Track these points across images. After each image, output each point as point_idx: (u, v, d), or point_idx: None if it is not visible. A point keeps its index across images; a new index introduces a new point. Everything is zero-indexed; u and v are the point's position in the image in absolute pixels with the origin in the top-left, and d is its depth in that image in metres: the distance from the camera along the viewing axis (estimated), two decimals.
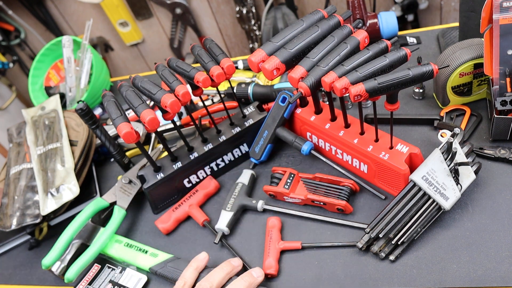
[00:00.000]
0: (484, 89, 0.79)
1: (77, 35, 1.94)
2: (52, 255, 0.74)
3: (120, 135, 0.67)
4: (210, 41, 0.76)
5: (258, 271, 0.65)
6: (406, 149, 0.69)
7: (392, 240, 0.65)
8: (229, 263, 0.66)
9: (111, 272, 0.75)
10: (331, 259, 0.68)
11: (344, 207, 0.71)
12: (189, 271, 0.66)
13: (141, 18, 1.81)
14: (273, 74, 0.65)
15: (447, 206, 0.64)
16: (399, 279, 0.63)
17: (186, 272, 0.66)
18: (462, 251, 0.63)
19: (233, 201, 0.78)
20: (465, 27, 0.83)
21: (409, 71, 0.57)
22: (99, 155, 1.00)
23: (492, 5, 0.67)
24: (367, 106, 0.88)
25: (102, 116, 1.13)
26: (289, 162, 0.84)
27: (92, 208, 0.79)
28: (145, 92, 0.70)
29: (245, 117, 0.85)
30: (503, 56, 0.69)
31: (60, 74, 1.20)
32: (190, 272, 0.65)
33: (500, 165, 0.71)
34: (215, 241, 0.74)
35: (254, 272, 0.64)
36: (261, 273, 0.65)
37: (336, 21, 0.67)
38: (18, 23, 1.85)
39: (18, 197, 0.86)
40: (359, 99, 0.58)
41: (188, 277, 0.65)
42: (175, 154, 0.82)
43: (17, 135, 1.00)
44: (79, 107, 0.78)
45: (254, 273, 0.64)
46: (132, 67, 2.07)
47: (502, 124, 0.70)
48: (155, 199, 0.83)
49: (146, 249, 0.76)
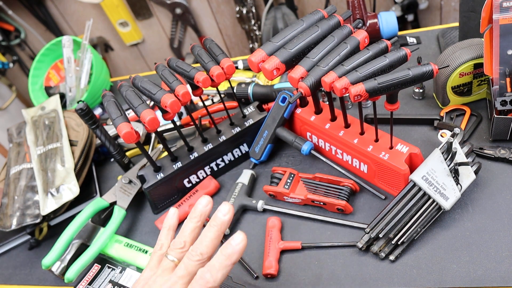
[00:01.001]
0: (484, 89, 0.79)
1: (77, 35, 1.94)
2: (52, 255, 0.74)
3: (120, 135, 0.67)
4: (210, 41, 0.76)
5: (224, 207, 0.52)
6: (406, 149, 0.69)
7: (392, 240, 0.65)
8: (217, 218, 0.52)
9: (111, 272, 0.75)
10: (331, 259, 0.68)
11: (344, 207, 0.71)
12: (163, 233, 0.57)
13: (141, 18, 1.81)
14: (273, 74, 0.65)
15: (447, 206, 0.64)
16: (399, 279, 0.63)
17: (161, 234, 0.57)
18: (462, 251, 0.63)
19: (233, 201, 0.78)
20: (465, 27, 0.83)
21: (409, 71, 0.57)
22: (99, 155, 1.00)
23: (492, 5, 0.67)
24: (367, 106, 0.88)
25: (102, 116, 1.13)
26: (289, 162, 0.84)
27: (92, 208, 0.79)
28: (145, 92, 0.70)
29: (245, 117, 0.85)
30: (503, 56, 0.69)
31: (60, 74, 1.20)
32: (164, 234, 0.57)
33: (500, 165, 0.71)
34: None
35: (219, 212, 0.52)
36: (227, 208, 0.52)
37: (336, 21, 0.67)
38: (18, 23, 1.85)
39: (18, 197, 0.86)
40: (359, 99, 0.58)
41: (164, 238, 0.57)
42: (175, 154, 0.82)
43: (17, 135, 1.00)
44: (79, 107, 0.78)
45: (219, 214, 0.52)
46: (132, 67, 2.07)
47: (502, 124, 0.70)
48: (155, 199, 0.83)
49: (146, 249, 0.76)
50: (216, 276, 0.49)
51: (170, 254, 0.54)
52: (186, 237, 0.54)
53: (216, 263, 0.49)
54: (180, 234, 0.55)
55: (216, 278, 0.49)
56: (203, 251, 0.51)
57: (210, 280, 0.48)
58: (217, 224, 0.52)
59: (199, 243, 0.52)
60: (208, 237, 0.52)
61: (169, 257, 0.53)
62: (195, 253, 0.51)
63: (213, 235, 0.52)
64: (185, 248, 0.54)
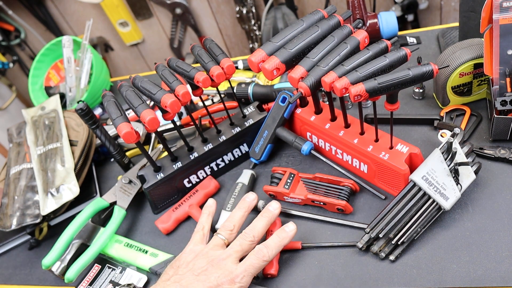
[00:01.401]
0: (484, 89, 0.79)
1: (77, 35, 1.94)
2: (52, 255, 0.74)
3: (120, 135, 0.67)
4: (210, 41, 0.76)
5: (275, 204, 0.68)
6: (406, 149, 0.69)
7: (392, 240, 0.65)
8: (269, 211, 0.68)
9: (112, 272, 0.75)
10: (331, 259, 0.68)
11: (344, 207, 0.71)
12: (204, 217, 0.71)
13: (141, 18, 1.81)
14: (273, 74, 0.65)
15: (447, 206, 0.64)
16: (399, 279, 0.63)
17: (202, 217, 0.71)
18: (462, 251, 0.63)
19: (233, 201, 0.78)
20: (465, 27, 0.83)
21: (409, 71, 0.57)
22: (99, 155, 1.00)
23: (492, 5, 0.67)
24: (367, 106, 0.88)
25: (102, 116, 1.13)
26: (289, 162, 0.84)
27: (92, 208, 0.79)
28: (145, 92, 0.70)
29: (245, 117, 0.85)
30: (503, 56, 0.69)
31: (60, 74, 1.20)
32: (205, 218, 0.71)
33: (500, 165, 0.71)
34: None
35: (270, 207, 0.68)
36: (277, 205, 0.68)
37: (336, 21, 0.67)
38: (18, 23, 1.85)
39: (18, 197, 0.86)
40: (359, 99, 0.58)
41: (205, 221, 0.70)
42: (175, 154, 0.82)
43: (17, 135, 1.00)
44: (79, 107, 0.78)
45: (271, 208, 0.68)
46: (132, 67, 2.07)
47: (502, 124, 0.70)
48: (155, 199, 0.83)
49: (146, 249, 0.76)
50: (270, 252, 0.63)
51: (221, 234, 0.66)
52: (235, 222, 0.67)
53: (271, 242, 0.64)
54: (230, 218, 0.68)
55: (270, 253, 0.63)
56: (255, 234, 0.65)
57: (266, 254, 0.63)
58: (268, 216, 0.67)
59: (252, 228, 0.66)
60: (260, 225, 0.66)
61: (219, 236, 0.66)
62: (249, 236, 0.65)
63: (264, 223, 0.66)
64: (234, 230, 0.67)
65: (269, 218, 0.67)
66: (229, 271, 0.61)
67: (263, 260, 0.62)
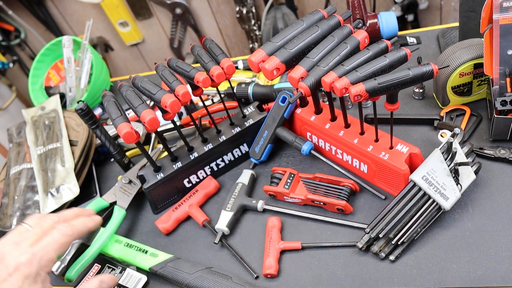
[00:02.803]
0: (484, 89, 0.79)
1: (77, 35, 1.94)
2: None
3: (120, 135, 0.67)
4: (210, 41, 0.76)
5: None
6: (406, 149, 0.69)
7: (392, 240, 0.65)
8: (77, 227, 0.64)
9: (112, 272, 0.75)
10: (331, 259, 0.68)
11: (344, 207, 0.71)
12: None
13: (141, 18, 1.81)
14: (273, 74, 0.65)
15: (447, 206, 0.64)
16: (399, 279, 0.63)
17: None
18: (462, 251, 0.63)
19: (233, 201, 0.78)
20: (465, 27, 0.83)
21: (409, 71, 0.57)
22: (99, 155, 1.00)
23: (492, 5, 0.67)
24: (367, 106, 0.88)
25: (102, 116, 1.12)
26: (289, 162, 0.84)
27: (92, 208, 0.79)
28: (145, 92, 0.70)
29: (245, 117, 0.85)
30: (503, 56, 0.69)
31: (60, 74, 1.20)
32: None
33: (500, 165, 0.71)
34: (215, 241, 0.74)
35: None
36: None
37: (336, 21, 0.67)
38: (18, 23, 1.84)
39: (18, 197, 0.86)
40: (359, 99, 0.58)
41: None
42: (175, 154, 0.82)
43: (17, 135, 1.00)
44: (79, 107, 0.78)
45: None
46: (132, 67, 2.07)
47: (502, 124, 0.70)
48: (155, 199, 0.83)
49: (146, 249, 0.76)
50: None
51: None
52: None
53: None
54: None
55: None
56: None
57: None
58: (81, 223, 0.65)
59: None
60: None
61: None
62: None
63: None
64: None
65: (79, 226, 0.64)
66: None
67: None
